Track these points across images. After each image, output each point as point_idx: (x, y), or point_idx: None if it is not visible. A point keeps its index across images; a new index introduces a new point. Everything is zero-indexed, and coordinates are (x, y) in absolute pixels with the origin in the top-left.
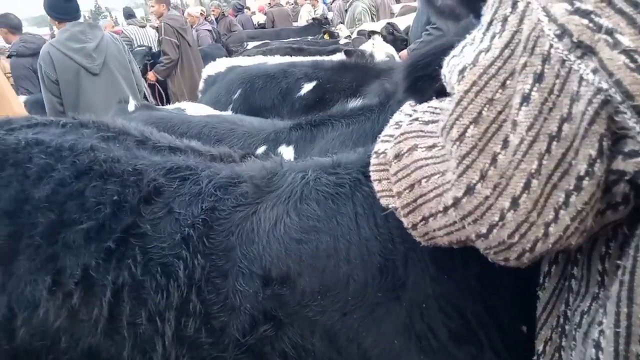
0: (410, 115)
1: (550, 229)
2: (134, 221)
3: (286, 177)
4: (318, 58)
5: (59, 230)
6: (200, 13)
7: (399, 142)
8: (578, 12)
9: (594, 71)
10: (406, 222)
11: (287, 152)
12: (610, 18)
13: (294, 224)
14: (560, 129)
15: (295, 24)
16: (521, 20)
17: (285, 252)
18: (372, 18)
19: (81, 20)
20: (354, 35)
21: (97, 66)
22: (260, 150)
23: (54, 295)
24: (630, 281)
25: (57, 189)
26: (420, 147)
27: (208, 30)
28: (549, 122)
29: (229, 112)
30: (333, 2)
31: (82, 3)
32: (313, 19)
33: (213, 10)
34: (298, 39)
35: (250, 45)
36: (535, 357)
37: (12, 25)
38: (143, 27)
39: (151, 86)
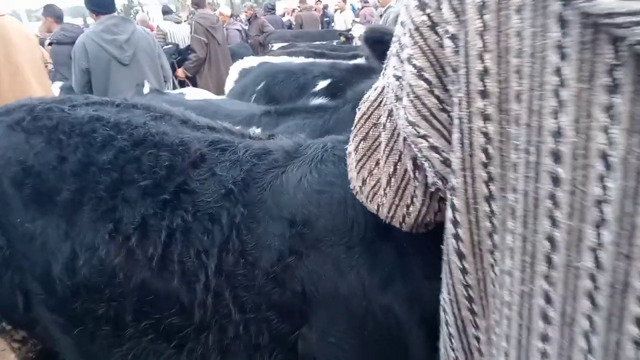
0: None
1: (410, 209)
2: (184, 180)
3: (310, 146)
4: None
5: (119, 187)
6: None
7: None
8: (395, 76)
9: (401, 117)
10: None
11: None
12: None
13: (315, 180)
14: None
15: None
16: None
17: (308, 200)
18: None
19: (115, 14)
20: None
21: (127, 57)
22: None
23: (114, 239)
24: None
25: (118, 155)
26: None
27: (237, 29)
28: (397, 143)
29: (251, 101)
30: (362, 9)
31: None
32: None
33: (246, 11)
34: (324, 42)
35: (276, 46)
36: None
37: (57, 14)
38: (178, 23)
39: (181, 82)
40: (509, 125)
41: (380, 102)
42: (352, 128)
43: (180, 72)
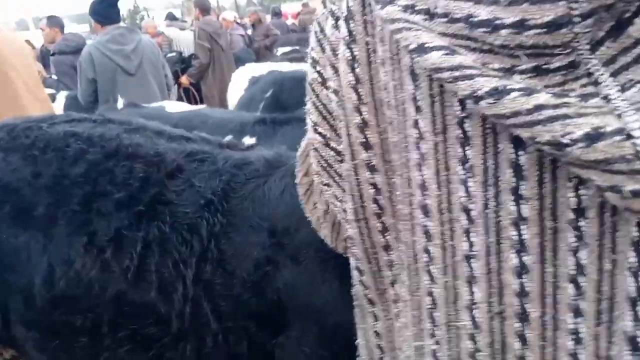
0: None
1: (327, 239)
2: (160, 191)
3: (291, 157)
4: None
5: (93, 200)
6: (234, 18)
7: None
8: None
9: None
10: None
11: (249, 142)
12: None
13: (297, 192)
14: None
15: None
16: None
17: (290, 212)
18: None
19: (121, 23)
20: None
21: (133, 67)
22: (227, 139)
23: (89, 251)
24: None
25: (90, 167)
26: None
27: (241, 35)
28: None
29: (259, 108)
30: None
31: (120, 3)
32: None
33: (250, 16)
34: None
35: (280, 51)
36: None
37: (60, 24)
38: (183, 29)
39: (186, 89)
40: (394, 176)
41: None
42: (297, 161)
43: (184, 79)
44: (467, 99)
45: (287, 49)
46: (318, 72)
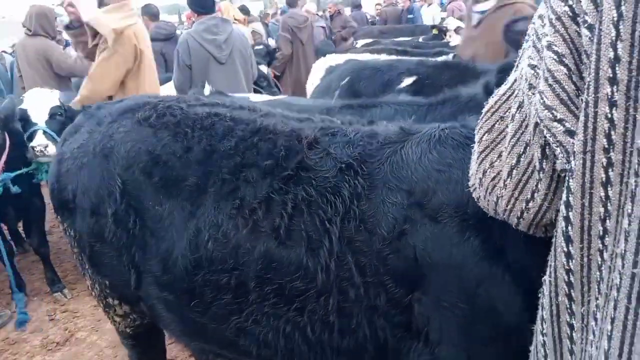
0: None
1: (530, 204)
2: (302, 159)
3: (423, 126)
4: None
5: (241, 170)
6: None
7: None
8: (531, 66)
9: (536, 103)
10: None
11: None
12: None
13: (434, 159)
14: (530, 138)
15: None
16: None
17: (428, 176)
18: None
19: (215, 14)
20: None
21: (224, 56)
22: None
23: (240, 213)
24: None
25: (239, 142)
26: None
27: (322, 26)
28: (525, 134)
29: (334, 96)
30: (450, 3)
31: None
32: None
33: (329, 8)
34: (409, 39)
35: (360, 43)
36: None
37: (152, 13)
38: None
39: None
40: (637, 112)
41: (510, 95)
42: (478, 121)
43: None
44: None
45: (368, 40)
46: (569, 6)
